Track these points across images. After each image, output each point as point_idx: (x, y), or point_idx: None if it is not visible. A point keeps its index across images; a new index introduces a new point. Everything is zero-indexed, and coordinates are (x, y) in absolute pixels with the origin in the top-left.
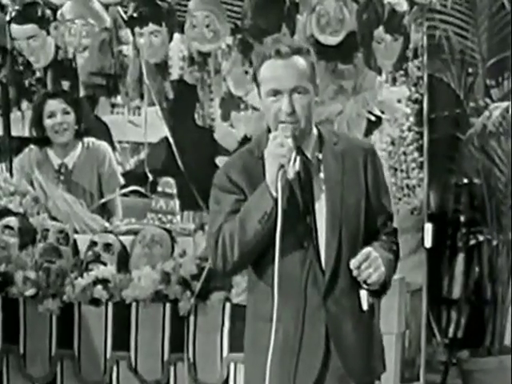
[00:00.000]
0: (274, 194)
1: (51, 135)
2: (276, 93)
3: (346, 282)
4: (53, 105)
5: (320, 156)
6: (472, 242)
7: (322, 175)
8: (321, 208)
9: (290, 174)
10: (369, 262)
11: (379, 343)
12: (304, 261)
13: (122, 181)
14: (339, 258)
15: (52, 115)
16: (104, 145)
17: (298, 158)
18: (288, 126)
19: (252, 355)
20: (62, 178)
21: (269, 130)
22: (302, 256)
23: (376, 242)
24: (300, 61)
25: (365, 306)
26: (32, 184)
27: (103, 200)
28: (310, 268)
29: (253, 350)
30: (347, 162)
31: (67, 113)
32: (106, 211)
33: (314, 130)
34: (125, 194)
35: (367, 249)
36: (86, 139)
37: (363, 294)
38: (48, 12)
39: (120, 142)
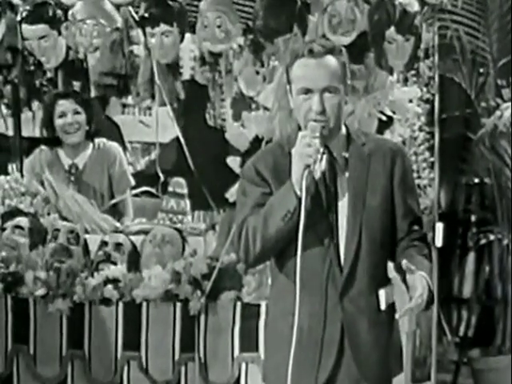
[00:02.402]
0: (299, 193)
1: (61, 135)
2: (307, 91)
3: (363, 281)
4: (64, 105)
5: (346, 155)
6: (483, 241)
7: (346, 175)
8: (343, 207)
9: (317, 173)
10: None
11: (397, 343)
12: (324, 258)
13: (132, 182)
14: (357, 257)
15: (63, 115)
16: (115, 146)
17: (325, 157)
18: (317, 126)
19: (270, 349)
20: (72, 178)
21: (300, 127)
22: (322, 253)
23: (412, 248)
24: (332, 61)
25: (383, 306)
26: (43, 184)
27: (114, 200)
28: (330, 266)
29: (271, 344)
30: (373, 164)
31: (78, 113)
32: (116, 211)
33: (343, 130)
34: (136, 194)
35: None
36: (96, 140)
37: (382, 293)
38: (59, 12)
39: (131, 143)
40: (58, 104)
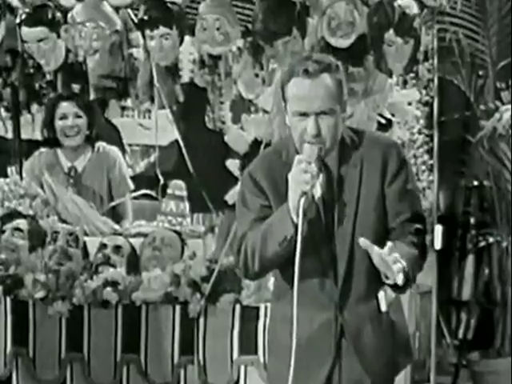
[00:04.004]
0: (295, 219)
1: (61, 138)
2: (302, 113)
3: (360, 288)
4: (65, 107)
5: (341, 170)
6: (482, 243)
7: (344, 190)
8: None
9: (317, 195)
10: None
11: (403, 335)
12: (323, 272)
13: (131, 186)
14: (351, 265)
15: (64, 117)
16: (114, 150)
17: (321, 176)
18: (314, 150)
19: (271, 356)
20: (71, 181)
21: None
22: (320, 267)
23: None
24: (327, 80)
25: (384, 308)
26: (42, 187)
27: (113, 203)
28: (328, 280)
29: (270, 350)
30: (366, 167)
31: (79, 117)
32: (116, 214)
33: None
34: (135, 197)
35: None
36: (96, 143)
37: (381, 295)
38: (58, 15)
39: (130, 145)
40: (60, 106)
